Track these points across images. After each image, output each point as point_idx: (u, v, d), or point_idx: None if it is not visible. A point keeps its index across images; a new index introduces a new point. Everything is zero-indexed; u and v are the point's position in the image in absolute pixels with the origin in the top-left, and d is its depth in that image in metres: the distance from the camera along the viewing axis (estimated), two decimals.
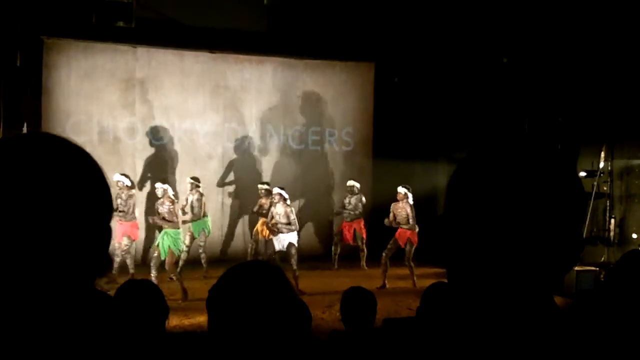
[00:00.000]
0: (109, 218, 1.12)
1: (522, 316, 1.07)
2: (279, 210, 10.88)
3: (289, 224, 10.79)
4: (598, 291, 9.08)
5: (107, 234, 1.11)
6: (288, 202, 11.01)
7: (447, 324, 1.14)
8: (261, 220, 11.99)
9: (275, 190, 11.17)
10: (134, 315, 3.21)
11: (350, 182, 13.01)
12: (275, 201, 11.01)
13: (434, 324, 1.18)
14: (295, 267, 10.60)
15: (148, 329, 3.19)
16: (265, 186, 12.19)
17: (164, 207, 10.41)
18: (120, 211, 10.80)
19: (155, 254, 10.40)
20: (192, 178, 11.78)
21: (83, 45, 12.86)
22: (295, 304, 1.80)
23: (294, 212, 11.00)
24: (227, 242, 13.77)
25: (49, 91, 12.59)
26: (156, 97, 13.41)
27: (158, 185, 10.85)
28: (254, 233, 12.35)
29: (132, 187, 11.25)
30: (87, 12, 12.17)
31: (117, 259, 10.89)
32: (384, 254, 11.20)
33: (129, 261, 11.08)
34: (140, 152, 13.25)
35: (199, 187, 11.74)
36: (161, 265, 10.32)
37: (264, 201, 12.01)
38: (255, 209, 12.21)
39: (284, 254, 10.85)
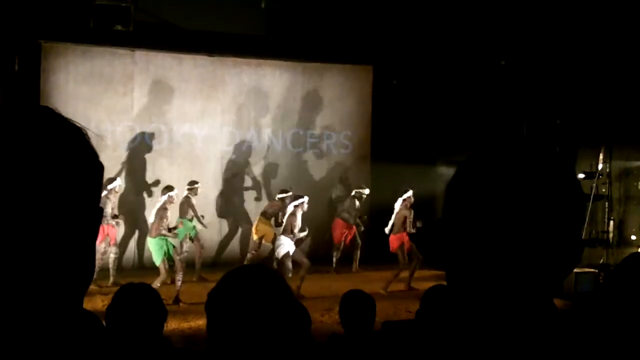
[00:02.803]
0: (99, 197, 0.98)
1: (522, 319, 1.07)
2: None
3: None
4: (598, 294, 9.09)
5: (97, 214, 0.97)
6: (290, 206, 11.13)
7: (446, 327, 1.14)
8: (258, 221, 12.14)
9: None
10: (132, 319, 3.21)
11: (367, 191, 13.08)
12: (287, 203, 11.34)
13: (433, 327, 1.18)
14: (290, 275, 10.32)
15: (146, 333, 3.19)
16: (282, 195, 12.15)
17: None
18: None
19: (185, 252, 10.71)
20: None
21: (81, 49, 12.86)
22: (294, 308, 1.79)
23: (290, 216, 11.00)
24: (223, 245, 13.76)
25: (47, 95, 12.57)
26: (154, 101, 13.41)
27: (174, 193, 10.70)
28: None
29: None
30: (85, 15, 12.15)
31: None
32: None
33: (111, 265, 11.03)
34: (138, 156, 13.24)
35: (190, 189, 11.50)
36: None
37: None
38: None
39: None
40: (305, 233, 11.07)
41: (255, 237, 12.08)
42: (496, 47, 12.89)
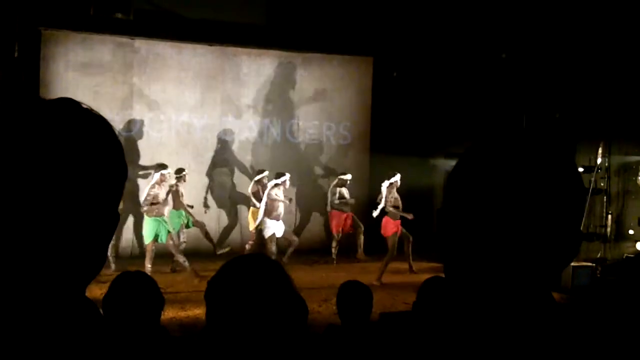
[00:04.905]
0: (119, 200, 0.99)
1: (520, 311, 1.07)
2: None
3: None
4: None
5: (115, 219, 0.98)
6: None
7: (443, 318, 1.14)
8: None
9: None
10: (129, 307, 3.21)
11: (349, 176, 13.07)
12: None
13: (430, 318, 1.18)
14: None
15: (143, 321, 3.19)
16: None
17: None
18: None
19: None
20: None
21: (81, 37, 12.83)
22: (293, 298, 1.80)
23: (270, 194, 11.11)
24: (223, 235, 13.76)
25: (46, 83, 12.55)
26: (154, 90, 13.38)
27: (166, 171, 10.79)
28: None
29: None
30: (85, 3, 12.12)
31: None
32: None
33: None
34: (137, 144, 13.22)
35: (178, 177, 11.36)
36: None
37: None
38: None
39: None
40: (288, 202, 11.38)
41: (251, 227, 12.05)
42: (497, 40, 12.87)
